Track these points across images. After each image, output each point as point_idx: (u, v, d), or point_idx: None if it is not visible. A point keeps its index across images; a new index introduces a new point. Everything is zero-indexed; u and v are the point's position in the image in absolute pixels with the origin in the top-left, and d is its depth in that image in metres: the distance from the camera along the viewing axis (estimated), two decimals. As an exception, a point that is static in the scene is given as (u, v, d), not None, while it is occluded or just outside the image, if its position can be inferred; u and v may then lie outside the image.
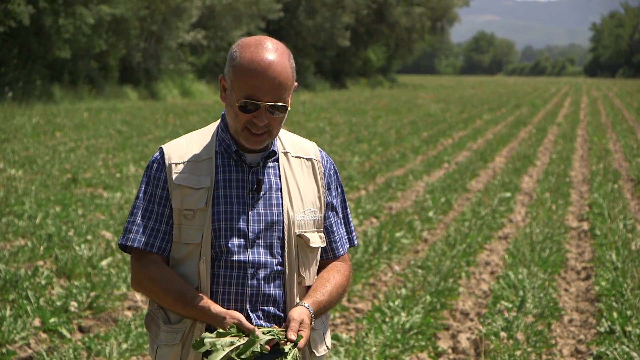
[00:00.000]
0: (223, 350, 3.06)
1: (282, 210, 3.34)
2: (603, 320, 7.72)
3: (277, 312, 3.32)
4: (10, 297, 7.91)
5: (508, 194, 15.13)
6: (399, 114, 37.68)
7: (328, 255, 3.52)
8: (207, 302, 3.22)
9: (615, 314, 7.66)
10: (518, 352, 6.94)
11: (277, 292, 3.32)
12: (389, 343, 7.13)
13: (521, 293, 8.53)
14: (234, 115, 3.27)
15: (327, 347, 3.47)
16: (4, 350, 6.68)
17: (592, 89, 79.24)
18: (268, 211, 3.32)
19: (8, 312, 7.24)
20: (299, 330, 3.22)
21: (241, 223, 3.29)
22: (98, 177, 15.79)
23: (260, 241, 3.30)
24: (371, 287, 9.25)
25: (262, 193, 3.33)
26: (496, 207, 13.87)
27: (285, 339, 3.17)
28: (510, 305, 8.20)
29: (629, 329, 7.24)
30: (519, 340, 7.27)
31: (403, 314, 7.71)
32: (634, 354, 6.55)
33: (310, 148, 3.50)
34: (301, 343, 3.20)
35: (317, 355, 3.41)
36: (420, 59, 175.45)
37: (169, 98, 44.37)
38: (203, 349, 3.07)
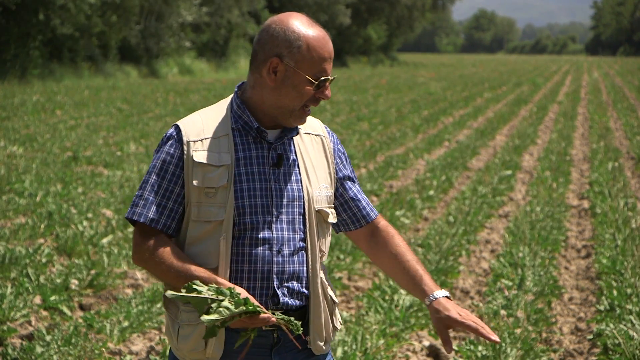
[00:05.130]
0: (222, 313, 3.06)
1: (302, 186, 3.34)
2: (603, 298, 7.72)
3: (301, 289, 3.32)
4: (11, 275, 7.92)
5: (509, 172, 15.13)
6: (399, 93, 37.64)
7: (361, 223, 3.54)
8: (212, 276, 3.20)
9: (615, 292, 7.67)
10: (518, 330, 6.96)
11: (301, 268, 3.32)
12: (389, 321, 7.14)
13: (521, 271, 8.54)
14: (298, 94, 3.27)
15: (340, 321, 3.51)
16: (4, 328, 6.70)
17: (593, 67, 79.10)
18: (289, 186, 3.33)
19: (9, 290, 7.25)
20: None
21: (265, 199, 3.28)
22: (98, 155, 15.79)
23: (283, 217, 3.30)
24: (372, 265, 9.26)
25: (281, 169, 3.33)
26: (497, 185, 13.87)
27: (293, 329, 3.17)
28: (510, 284, 8.21)
29: (629, 307, 7.25)
30: (519, 318, 7.28)
31: (403, 292, 7.72)
32: (633, 332, 6.56)
33: (317, 125, 3.52)
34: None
35: (338, 329, 3.47)
36: (421, 37, 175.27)
37: (170, 76, 44.31)
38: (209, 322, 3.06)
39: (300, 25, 3.28)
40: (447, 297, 3.38)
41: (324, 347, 3.40)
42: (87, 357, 6.25)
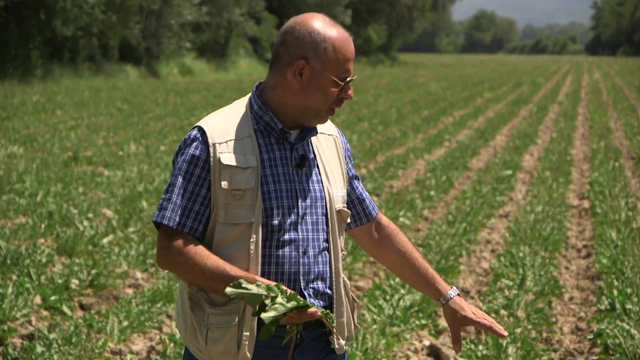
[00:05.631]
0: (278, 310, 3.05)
1: (323, 186, 3.35)
2: (603, 298, 7.72)
3: (325, 289, 3.32)
4: (11, 275, 7.92)
5: (509, 172, 15.13)
6: (399, 93, 37.64)
7: (362, 221, 3.57)
8: (249, 275, 3.17)
9: (615, 292, 7.66)
10: (518, 330, 6.96)
11: (325, 268, 3.33)
12: (390, 321, 7.14)
13: (522, 271, 8.54)
14: (323, 96, 3.28)
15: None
16: (5, 327, 6.70)
17: (593, 67, 79.10)
18: (311, 187, 3.33)
19: (9, 290, 7.24)
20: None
21: (291, 201, 3.28)
22: (99, 155, 15.79)
23: (308, 218, 3.30)
24: (372, 265, 9.26)
25: (304, 169, 3.33)
26: (497, 185, 13.87)
27: (331, 323, 3.20)
28: (510, 283, 8.21)
29: (629, 306, 7.25)
30: (519, 317, 7.28)
31: (403, 292, 7.72)
32: (634, 332, 6.56)
33: (329, 125, 3.52)
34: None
35: (359, 328, 3.50)
36: (421, 38, 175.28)
37: (170, 76, 44.30)
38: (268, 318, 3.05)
39: (325, 26, 3.28)
40: (458, 295, 3.48)
41: (344, 346, 3.41)
42: (88, 356, 6.25)
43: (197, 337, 3.27)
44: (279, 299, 3.06)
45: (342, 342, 3.38)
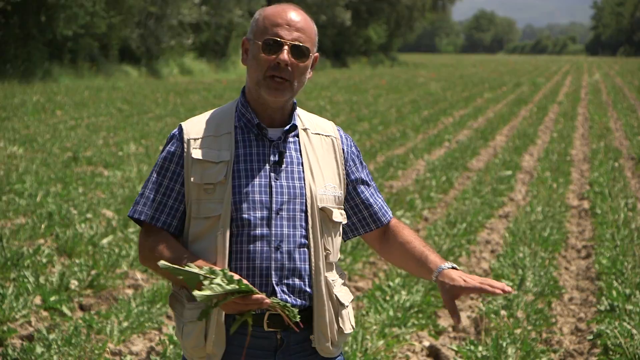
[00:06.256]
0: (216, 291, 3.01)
1: (305, 183, 3.33)
2: (603, 298, 7.72)
3: (303, 287, 3.28)
4: (11, 275, 7.92)
5: (509, 172, 15.13)
6: (399, 93, 37.64)
7: (371, 227, 3.53)
8: (207, 264, 3.17)
9: (615, 293, 7.66)
10: (518, 331, 6.95)
11: (303, 265, 3.29)
12: (390, 322, 7.14)
13: (521, 272, 8.54)
14: (256, 63, 3.30)
15: (352, 324, 3.46)
16: (5, 328, 6.70)
17: (593, 67, 79.08)
18: (290, 184, 3.31)
19: (9, 290, 7.24)
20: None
21: (263, 196, 3.28)
22: (99, 155, 15.79)
23: (284, 213, 3.28)
24: (372, 265, 9.26)
25: (283, 166, 3.32)
26: (497, 185, 13.87)
27: (294, 317, 3.14)
28: (510, 284, 8.20)
29: (629, 307, 7.24)
30: (519, 318, 7.28)
31: (403, 293, 7.71)
32: (634, 332, 6.56)
33: (329, 126, 3.53)
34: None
35: (345, 332, 3.40)
36: (421, 38, 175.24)
37: (170, 76, 44.30)
38: (204, 298, 3.01)
39: (270, 6, 3.36)
40: (453, 268, 3.35)
41: (331, 349, 3.35)
42: (87, 357, 6.25)
43: (178, 333, 3.33)
44: (218, 280, 3.02)
45: (327, 344, 3.33)
